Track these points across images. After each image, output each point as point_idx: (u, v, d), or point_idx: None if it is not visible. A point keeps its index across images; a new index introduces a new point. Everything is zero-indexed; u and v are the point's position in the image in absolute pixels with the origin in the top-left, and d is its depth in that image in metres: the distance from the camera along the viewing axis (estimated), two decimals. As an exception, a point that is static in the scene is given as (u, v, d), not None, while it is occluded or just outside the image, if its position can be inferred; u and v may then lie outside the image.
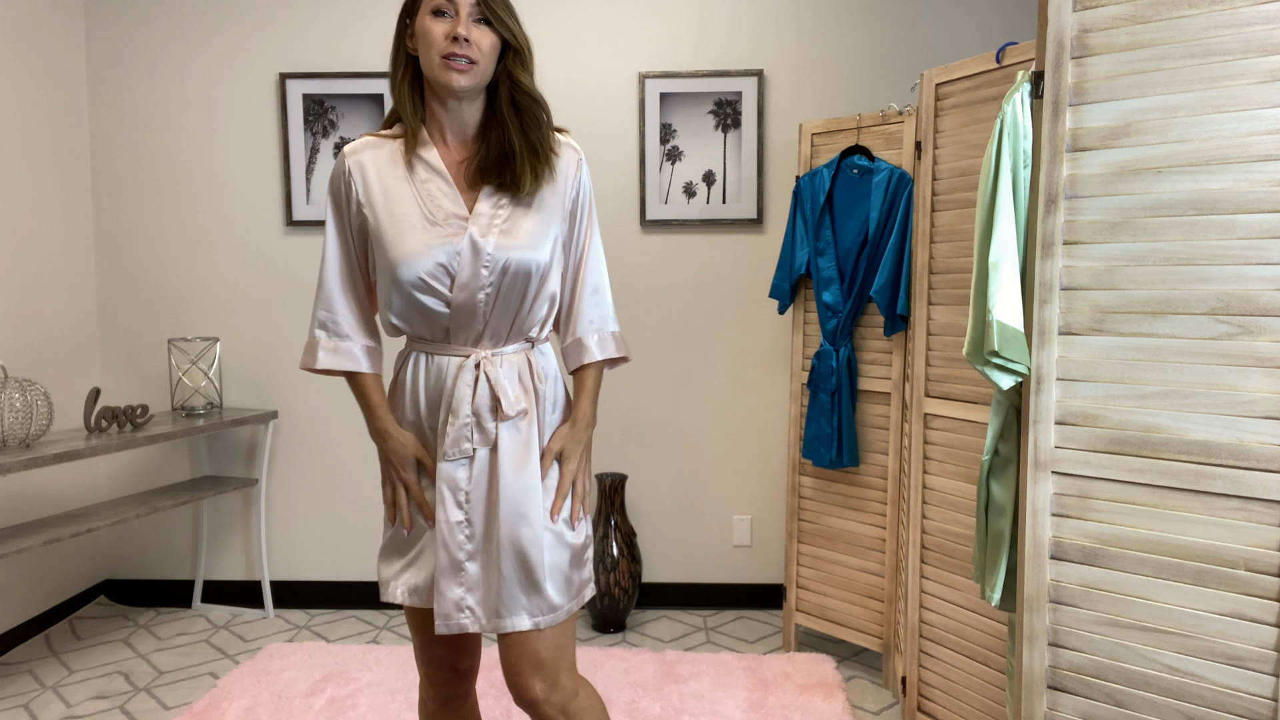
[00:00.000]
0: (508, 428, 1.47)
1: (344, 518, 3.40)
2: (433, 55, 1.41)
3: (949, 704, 2.27)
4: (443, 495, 1.47)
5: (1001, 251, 1.59)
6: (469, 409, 1.45)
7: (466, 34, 1.39)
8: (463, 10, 1.40)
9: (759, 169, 3.24)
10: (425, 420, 1.51)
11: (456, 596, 1.45)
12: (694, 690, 2.62)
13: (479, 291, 1.44)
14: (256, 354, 3.37)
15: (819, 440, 2.73)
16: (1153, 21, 1.49)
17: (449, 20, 1.40)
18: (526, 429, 1.49)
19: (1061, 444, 1.60)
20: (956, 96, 2.24)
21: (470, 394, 1.46)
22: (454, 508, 1.46)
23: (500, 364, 1.49)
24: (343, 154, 1.50)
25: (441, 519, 1.46)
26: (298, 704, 2.54)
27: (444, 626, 1.45)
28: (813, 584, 2.89)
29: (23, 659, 2.93)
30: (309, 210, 3.30)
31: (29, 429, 2.53)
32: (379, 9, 3.26)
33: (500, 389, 1.46)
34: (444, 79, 1.41)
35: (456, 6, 1.40)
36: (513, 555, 1.45)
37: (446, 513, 1.46)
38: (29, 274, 3.05)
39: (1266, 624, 1.42)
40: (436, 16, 1.41)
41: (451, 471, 1.47)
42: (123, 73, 3.30)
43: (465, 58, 1.40)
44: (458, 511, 1.47)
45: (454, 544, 1.46)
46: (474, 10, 1.41)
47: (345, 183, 1.48)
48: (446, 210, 1.45)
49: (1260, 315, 1.42)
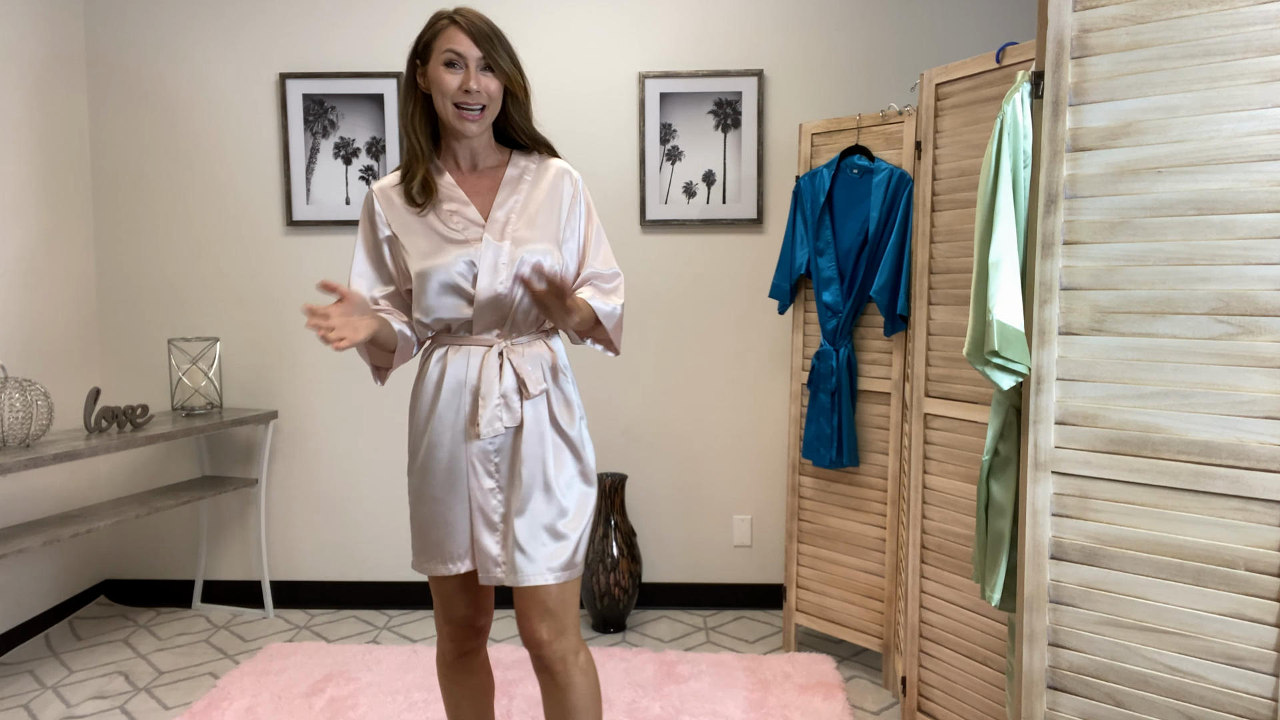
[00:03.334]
0: (530, 405, 1.68)
1: (344, 518, 3.40)
2: (447, 103, 1.64)
3: (949, 704, 2.27)
4: (474, 467, 1.68)
5: (1002, 251, 1.59)
6: (498, 393, 1.65)
7: (477, 86, 1.62)
8: (471, 64, 1.62)
9: (759, 169, 3.24)
10: (449, 403, 1.68)
11: (495, 553, 1.68)
12: (694, 690, 2.62)
13: (499, 286, 1.65)
14: (256, 354, 3.37)
15: (819, 440, 2.73)
16: (1152, 21, 1.49)
17: (460, 72, 1.62)
18: (543, 406, 1.70)
19: (1061, 444, 1.60)
20: (956, 96, 2.24)
21: (497, 379, 1.66)
22: (486, 476, 1.69)
23: (521, 351, 1.69)
24: (371, 190, 1.75)
25: (475, 487, 1.68)
26: (298, 704, 2.54)
27: (485, 578, 1.68)
28: (813, 584, 2.89)
29: (23, 659, 2.93)
30: (309, 210, 3.30)
31: (29, 429, 2.53)
32: (379, 9, 3.26)
33: (524, 372, 1.67)
34: (458, 126, 1.65)
35: (466, 60, 1.62)
36: (533, 518, 1.66)
37: (479, 481, 1.68)
38: (29, 274, 3.05)
39: (1266, 624, 1.42)
40: (449, 68, 1.62)
41: (483, 446, 1.68)
42: (123, 72, 3.30)
43: (477, 106, 1.64)
44: (489, 480, 1.69)
45: (489, 508, 1.68)
46: (479, 62, 1.62)
47: (375, 212, 1.73)
48: (466, 222, 1.68)
49: (1260, 315, 1.42)
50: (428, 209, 1.69)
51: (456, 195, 1.70)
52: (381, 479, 3.38)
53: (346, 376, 3.36)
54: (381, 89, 3.25)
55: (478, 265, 1.64)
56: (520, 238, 1.67)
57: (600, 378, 3.34)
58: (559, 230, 1.72)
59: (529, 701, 2.55)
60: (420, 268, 1.65)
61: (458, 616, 1.79)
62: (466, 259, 1.64)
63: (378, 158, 3.28)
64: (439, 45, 1.63)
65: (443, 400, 1.68)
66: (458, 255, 1.64)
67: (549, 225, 1.71)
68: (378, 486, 3.39)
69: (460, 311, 1.67)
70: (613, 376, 3.34)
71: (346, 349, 1.68)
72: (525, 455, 1.67)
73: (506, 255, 1.65)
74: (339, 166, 3.28)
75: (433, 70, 1.63)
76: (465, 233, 1.67)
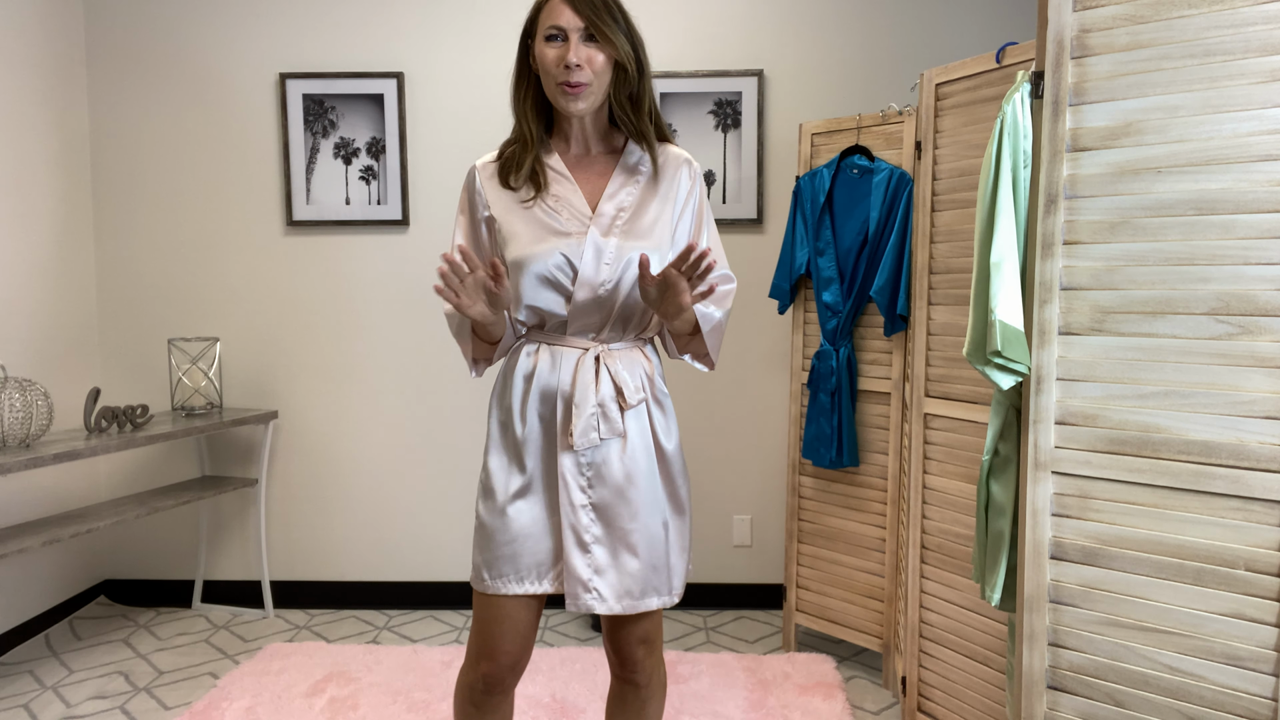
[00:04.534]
0: (633, 417, 1.55)
1: (344, 518, 3.40)
2: (550, 82, 1.50)
3: (949, 704, 2.27)
4: (565, 480, 1.53)
5: (1002, 251, 1.59)
6: (594, 400, 1.52)
7: (578, 60, 1.46)
8: (572, 35, 1.47)
9: (759, 169, 3.24)
10: (537, 407, 1.56)
11: (585, 577, 1.53)
12: (694, 690, 2.62)
13: (600, 288, 1.51)
14: (256, 354, 3.37)
15: (819, 440, 2.73)
16: (1153, 21, 1.49)
17: (560, 45, 1.48)
18: (644, 418, 1.57)
19: (1061, 444, 1.60)
20: (956, 96, 2.24)
21: (594, 386, 1.52)
22: (578, 491, 1.54)
23: (617, 357, 1.57)
24: (474, 168, 1.62)
25: (565, 502, 1.53)
26: (298, 704, 2.54)
27: (573, 605, 1.52)
28: (813, 584, 2.89)
29: (23, 659, 2.93)
30: (309, 210, 3.30)
31: (29, 429, 2.53)
32: (378, 9, 3.26)
33: (621, 379, 1.54)
34: (563, 105, 1.51)
35: (566, 31, 1.47)
36: (646, 541, 1.54)
37: (570, 496, 1.53)
38: (29, 274, 3.05)
39: (1266, 624, 1.42)
40: (549, 41, 1.49)
41: (577, 458, 1.54)
42: (123, 72, 3.30)
43: (580, 84, 1.48)
44: (582, 495, 1.54)
45: (580, 526, 1.53)
46: (582, 32, 1.47)
47: (476, 190, 1.60)
48: (572, 210, 1.54)
49: (1260, 315, 1.42)
50: (534, 200, 1.55)
51: (564, 180, 1.57)
52: (382, 479, 3.38)
53: (347, 376, 3.36)
54: (381, 89, 3.25)
55: (579, 261, 1.50)
56: (629, 234, 1.53)
57: (600, 378, 3.34)
58: (671, 227, 1.58)
59: (529, 701, 2.55)
60: (516, 256, 1.51)
61: (506, 650, 1.56)
62: (568, 252, 1.50)
63: (378, 158, 3.28)
64: (543, 20, 1.50)
65: (532, 400, 1.55)
66: (558, 247, 1.50)
67: (661, 222, 1.56)
68: (378, 486, 3.39)
69: (557, 308, 1.53)
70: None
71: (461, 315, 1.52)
72: (629, 472, 1.54)
73: (612, 253, 1.51)
74: (339, 167, 3.28)
75: (538, 48, 1.50)
76: (569, 224, 1.52)
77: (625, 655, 1.63)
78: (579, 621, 3.23)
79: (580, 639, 3.08)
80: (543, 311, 1.55)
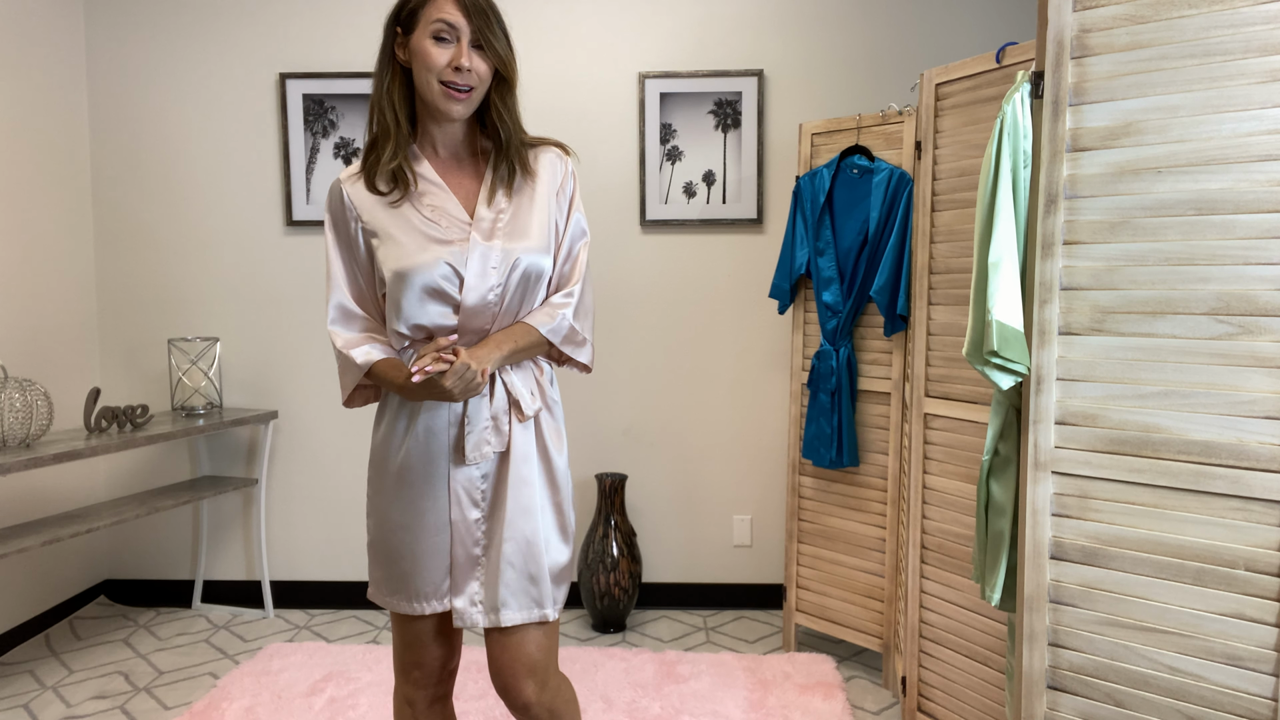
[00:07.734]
0: (520, 428, 1.52)
1: (344, 518, 3.40)
2: (432, 80, 1.44)
3: (949, 704, 2.27)
4: (458, 496, 1.51)
5: (1001, 251, 1.59)
6: (488, 413, 1.49)
7: (469, 64, 1.43)
8: (464, 38, 1.43)
9: (759, 169, 3.24)
10: (428, 421, 1.50)
11: (473, 591, 1.51)
12: (694, 690, 2.62)
13: (488, 293, 1.47)
14: (256, 354, 3.37)
15: (819, 440, 2.73)
16: (1152, 21, 1.49)
17: (451, 47, 1.43)
18: (532, 429, 1.55)
19: (1061, 444, 1.60)
20: (956, 96, 2.24)
21: (487, 398, 1.50)
22: (470, 506, 1.52)
23: (511, 367, 1.52)
24: (338, 181, 1.54)
25: (458, 518, 1.51)
26: (298, 704, 2.54)
27: (460, 621, 1.50)
28: (813, 584, 2.89)
29: (23, 659, 2.93)
30: (309, 210, 3.30)
31: (29, 429, 2.53)
32: (379, 9, 3.26)
33: (516, 391, 1.51)
34: (444, 107, 1.46)
35: (459, 32, 1.43)
36: (521, 551, 1.50)
37: (464, 512, 1.51)
38: (29, 274, 3.05)
39: (1266, 624, 1.42)
40: (437, 41, 1.43)
41: (469, 472, 1.51)
42: (123, 72, 3.30)
43: (466, 86, 1.45)
44: (474, 510, 1.52)
45: (470, 541, 1.51)
46: (473, 37, 1.44)
47: (345, 205, 1.52)
48: (450, 218, 1.49)
49: (1260, 315, 1.42)
50: (404, 200, 1.48)
51: (438, 188, 1.51)
52: (381, 479, 3.38)
53: (346, 376, 3.35)
54: (381, 89, 3.25)
55: (464, 268, 1.45)
56: (511, 236, 1.49)
57: (600, 378, 3.34)
58: (551, 222, 1.54)
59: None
60: (399, 267, 1.44)
61: (430, 659, 1.58)
62: (452, 261, 1.44)
63: (378, 158, 3.28)
64: (428, 14, 1.43)
65: (421, 418, 1.49)
66: (442, 256, 1.44)
67: (540, 220, 1.52)
68: (378, 486, 3.38)
69: (444, 319, 1.47)
70: (613, 376, 3.34)
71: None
72: (513, 482, 1.49)
73: (497, 256, 1.46)
74: (339, 167, 3.28)
75: (417, 41, 1.44)
76: (450, 232, 1.47)
77: (515, 693, 1.51)
78: (579, 621, 3.24)
79: (580, 639, 3.08)
80: (428, 327, 1.48)
